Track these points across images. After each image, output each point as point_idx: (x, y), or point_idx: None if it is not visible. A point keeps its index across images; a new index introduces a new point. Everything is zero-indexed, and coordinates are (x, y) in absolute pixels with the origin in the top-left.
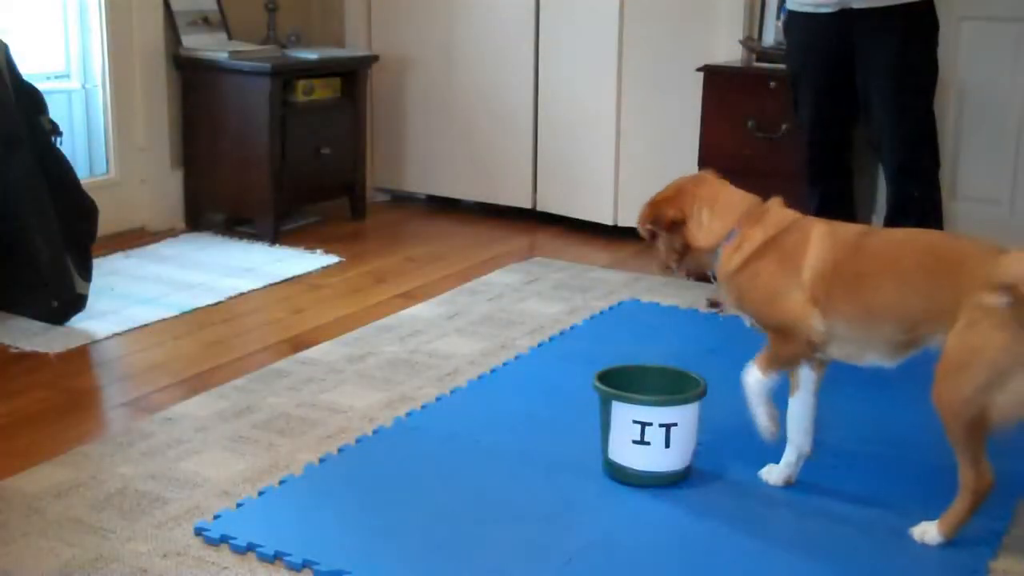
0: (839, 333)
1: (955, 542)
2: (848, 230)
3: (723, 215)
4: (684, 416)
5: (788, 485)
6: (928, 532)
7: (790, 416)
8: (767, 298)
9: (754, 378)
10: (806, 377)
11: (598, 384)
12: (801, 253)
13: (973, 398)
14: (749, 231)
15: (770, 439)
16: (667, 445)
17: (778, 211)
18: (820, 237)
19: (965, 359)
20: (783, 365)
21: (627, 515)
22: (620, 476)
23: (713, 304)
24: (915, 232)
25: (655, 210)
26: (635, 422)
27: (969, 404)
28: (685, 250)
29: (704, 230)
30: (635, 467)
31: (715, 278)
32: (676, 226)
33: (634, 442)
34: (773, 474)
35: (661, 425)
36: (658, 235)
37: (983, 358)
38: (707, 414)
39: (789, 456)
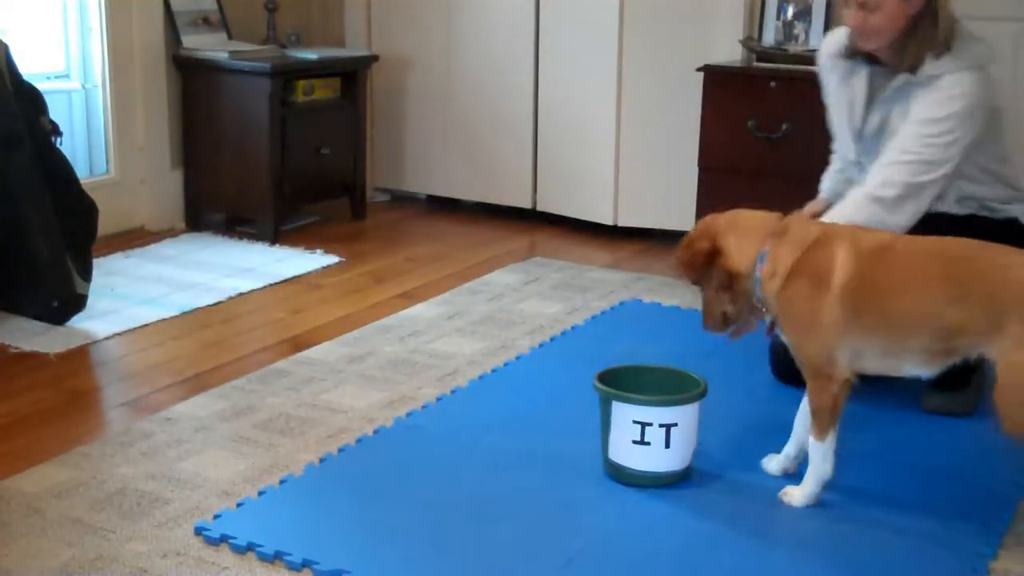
0: (873, 346)
1: (955, 542)
2: (873, 238)
3: (749, 236)
4: (684, 416)
5: (786, 475)
6: None
7: (800, 411)
8: (803, 327)
9: (818, 452)
10: None
11: (598, 384)
12: (830, 271)
13: None
14: (777, 250)
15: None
16: (667, 445)
17: (800, 226)
18: (845, 250)
19: (1018, 381)
20: (831, 419)
21: (627, 515)
22: (620, 476)
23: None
24: (944, 240)
25: (687, 251)
26: (635, 422)
27: None
28: (729, 283)
29: (736, 254)
30: (635, 467)
31: (767, 309)
32: (712, 258)
33: (634, 442)
34: (772, 463)
35: (661, 425)
36: (700, 280)
37: None
38: (707, 414)
39: (790, 449)
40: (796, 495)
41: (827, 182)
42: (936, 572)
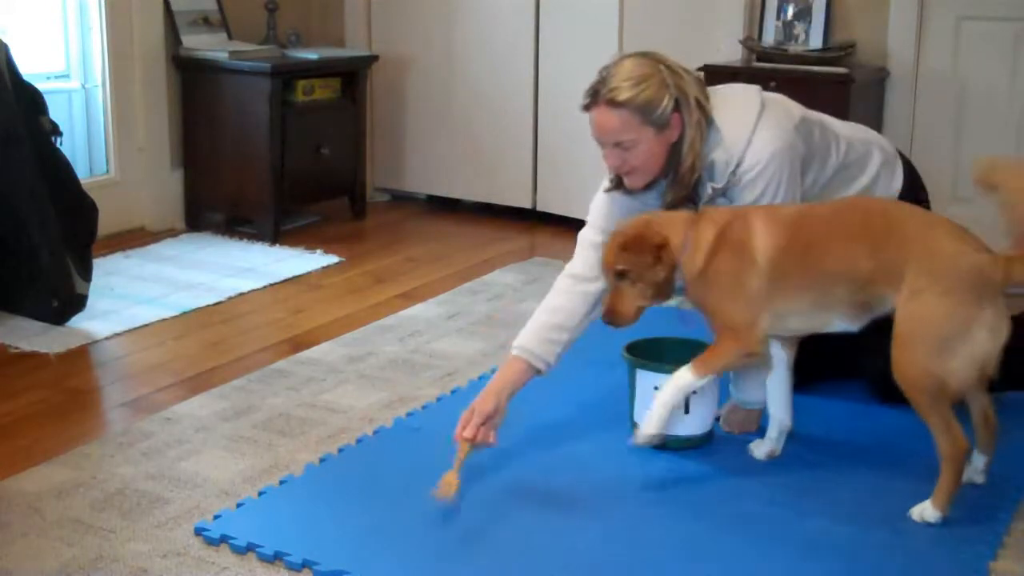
0: (800, 306)
1: (955, 542)
2: (787, 209)
3: (675, 228)
4: (704, 384)
5: (772, 458)
6: (926, 510)
7: (770, 393)
8: (730, 291)
9: (684, 379)
10: (778, 356)
11: (625, 354)
12: (750, 240)
13: (929, 368)
14: (697, 233)
15: (648, 443)
16: (687, 411)
17: (714, 211)
18: (763, 221)
19: (914, 330)
20: (721, 368)
21: (628, 518)
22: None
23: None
24: (854, 198)
25: (637, 244)
26: (657, 389)
27: (927, 375)
28: (668, 276)
29: (675, 246)
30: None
31: (681, 292)
32: (661, 251)
33: None
34: (759, 449)
35: None
36: (635, 274)
37: (930, 328)
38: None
39: (771, 431)
40: (642, 426)
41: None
42: (936, 572)
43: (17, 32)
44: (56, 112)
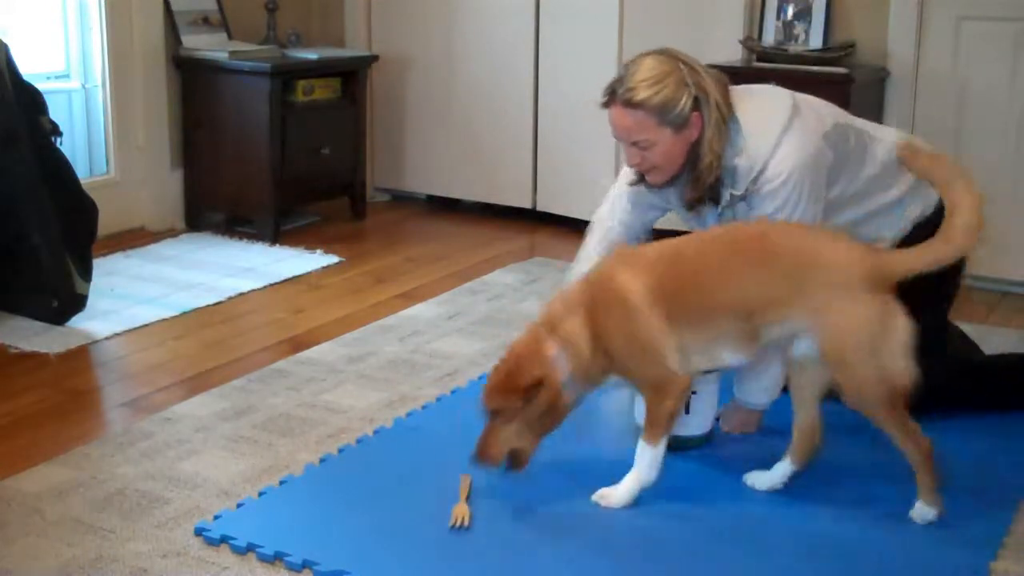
0: (692, 343)
1: (956, 542)
2: (648, 251)
3: (538, 356)
4: (704, 385)
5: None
6: (921, 511)
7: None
8: (634, 352)
9: (648, 454)
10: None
11: None
12: (622, 293)
13: (877, 377)
14: (564, 331)
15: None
16: (687, 411)
17: (560, 301)
18: (626, 271)
19: (843, 346)
20: (669, 425)
21: (628, 518)
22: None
23: None
24: (725, 227)
25: (506, 384)
26: None
27: (877, 384)
28: (552, 406)
29: (552, 375)
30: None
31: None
32: (532, 390)
33: None
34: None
35: None
36: (501, 413)
37: (856, 338)
38: (728, 382)
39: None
40: (613, 496)
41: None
42: (936, 572)
43: (17, 32)
44: (56, 112)
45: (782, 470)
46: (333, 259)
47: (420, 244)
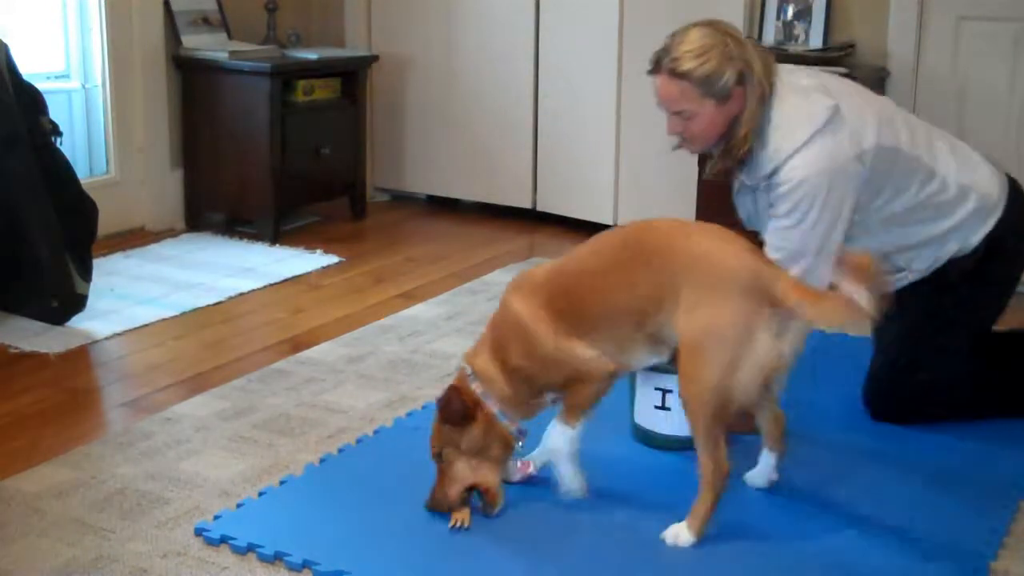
0: (604, 347)
1: (956, 542)
2: (540, 271)
3: (463, 384)
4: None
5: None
6: (680, 534)
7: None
8: (548, 365)
9: (563, 434)
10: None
11: None
12: (518, 319)
13: (717, 384)
14: (477, 369)
15: (578, 496)
16: None
17: (475, 343)
18: (517, 297)
19: (699, 346)
20: (589, 408)
21: (627, 518)
22: (645, 440)
23: None
24: (606, 233)
25: (442, 415)
26: (657, 389)
27: (714, 391)
28: (493, 435)
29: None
30: (658, 431)
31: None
32: (464, 416)
33: (656, 407)
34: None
35: None
36: (447, 450)
37: (714, 341)
38: None
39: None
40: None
41: None
42: (936, 572)
43: (17, 32)
44: (56, 112)
45: (767, 462)
46: (333, 259)
47: (420, 244)
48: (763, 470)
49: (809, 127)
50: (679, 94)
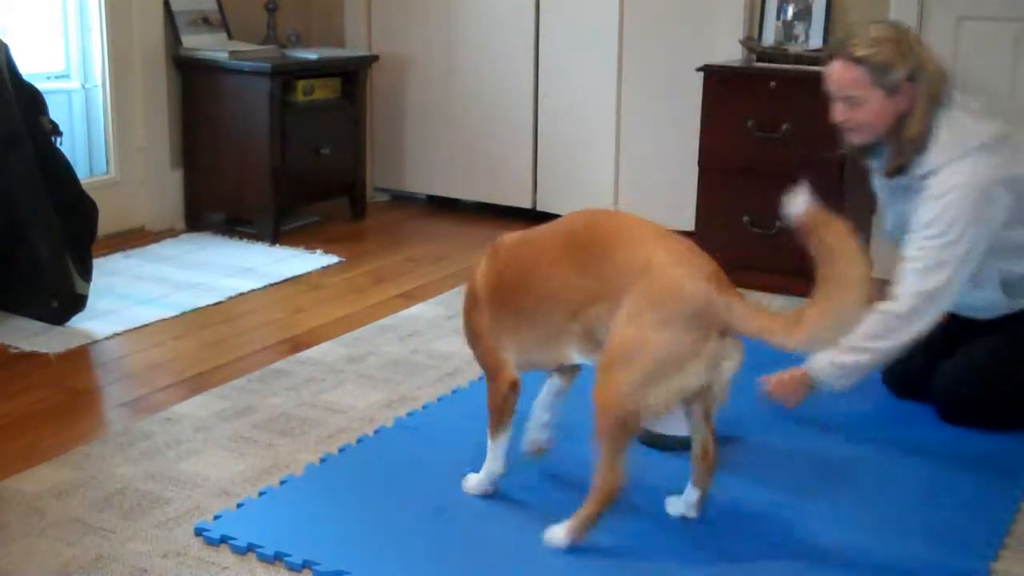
0: (532, 337)
1: (956, 542)
2: (514, 236)
3: None
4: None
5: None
6: (555, 535)
7: (534, 410)
8: (469, 337)
9: (489, 446)
10: (554, 385)
11: None
12: (474, 281)
13: (629, 397)
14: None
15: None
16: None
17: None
18: (486, 259)
19: (625, 354)
20: (495, 416)
21: (628, 518)
22: (645, 440)
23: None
24: (573, 213)
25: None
26: None
27: (623, 402)
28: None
29: None
30: (658, 431)
31: None
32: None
33: None
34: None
35: None
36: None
37: (642, 356)
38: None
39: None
40: (470, 482)
41: None
42: (937, 572)
43: (17, 32)
44: (56, 112)
45: (689, 496)
46: (333, 259)
47: (420, 244)
48: (683, 502)
49: (975, 140)
50: (851, 80)
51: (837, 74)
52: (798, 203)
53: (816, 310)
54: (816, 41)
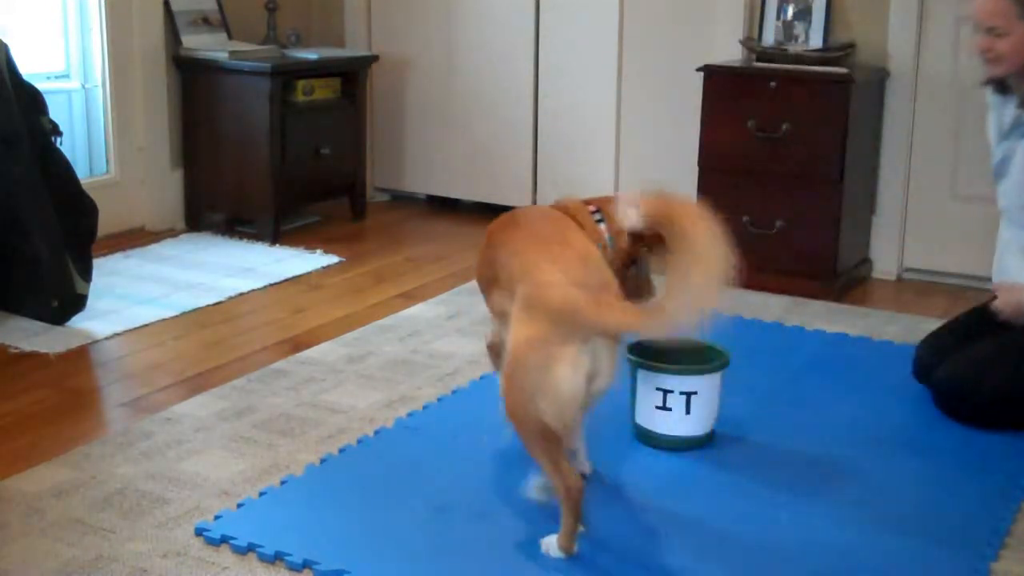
0: (495, 310)
1: (956, 542)
2: (515, 212)
3: None
4: (704, 385)
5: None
6: (552, 546)
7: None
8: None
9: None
10: None
11: (628, 354)
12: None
13: (526, 404)
14: None
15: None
16: (688, 412)
17: None
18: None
19: (510, 359)
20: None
21: (628, 518)
22: (646, 440)
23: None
24: (529, 208)
25: None
26: (658, 389)
27: (523, 410)
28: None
29: None
30: (658, 431)
31: None
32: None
33: (657, 407)
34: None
35: (682, 393)
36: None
37: (519, 360)
38: (731, 385)
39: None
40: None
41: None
42: (937, 572)
43: (17, 32)
44: (56, 112)
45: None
46: (333, 259)
47: (420, 244)
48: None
49: None
50: (997, 10)
51: (983, 5)
52: (630, 216)
53: (673, 292)
54: (816, 41)
